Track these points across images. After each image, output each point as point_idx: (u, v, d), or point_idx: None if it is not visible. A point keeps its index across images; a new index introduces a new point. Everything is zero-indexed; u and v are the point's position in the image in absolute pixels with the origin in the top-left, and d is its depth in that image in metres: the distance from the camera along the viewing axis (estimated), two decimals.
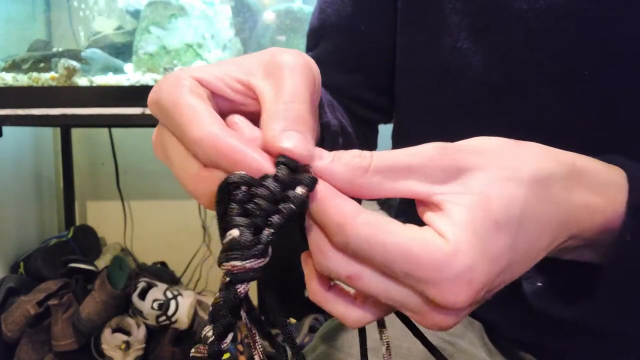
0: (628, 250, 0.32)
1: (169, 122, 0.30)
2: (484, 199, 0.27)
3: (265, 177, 0.27)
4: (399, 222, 0.27)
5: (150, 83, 1.20)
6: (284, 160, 0.27)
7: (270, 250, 0.27)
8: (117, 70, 1.30)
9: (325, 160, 0.28)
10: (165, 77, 0.32)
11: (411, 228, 0.27)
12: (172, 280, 1.67)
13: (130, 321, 1.39)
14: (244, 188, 0.27)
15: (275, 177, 0.27)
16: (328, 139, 0.44)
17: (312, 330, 1.43)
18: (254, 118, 0.31)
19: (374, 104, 0.60)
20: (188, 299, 1.44)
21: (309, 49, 0.61)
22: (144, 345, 1.39)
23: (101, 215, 1.83)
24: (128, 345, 1.37)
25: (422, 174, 0.28)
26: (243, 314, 0.28)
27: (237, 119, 0.31)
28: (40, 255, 1.51)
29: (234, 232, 0.26)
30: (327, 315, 1.50)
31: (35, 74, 1.25)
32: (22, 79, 1.25)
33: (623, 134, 0.44)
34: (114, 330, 1.38)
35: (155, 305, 1.38)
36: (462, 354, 0.50)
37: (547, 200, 0.29)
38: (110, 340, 1.36)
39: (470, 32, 0.47)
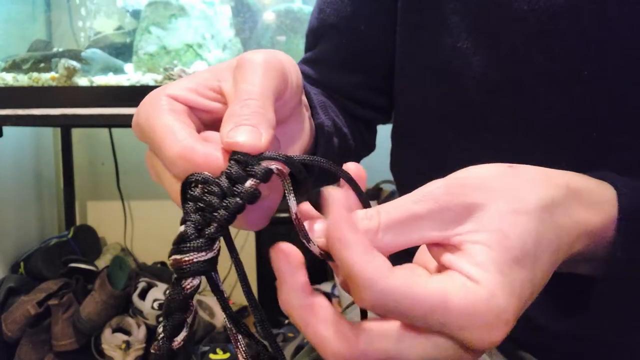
0: (619, 266, 0.33)
1: (149, 143, 0.30)
2: (501, 236, 0.27)
3: (221, 174, 0.27)
4: (424, 272, 0.27)
5: (151, 83, 1.20)
6: (235, 157, 0.27)
7: (217, 244, 0.27)
8: (117, 71, 1.31)
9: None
10: (144, 99, 0.32)
11: (439, 277, 0.27)
12: None
13: (130, 321, 1.39)
14: (200, 186, 0.27)
15: (227, 173, 0.27)
16: (322, 139, 0.44)
17: None
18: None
19: (373, 104, 0.60)
20: None
21: (308, 49, 0.61)
22: (144, 345, 1.39)
23: (101, 215, 1.83)
24: (128, 345, 1.37)
25: (433, 219, 0.28)
26: (226, 317, 0.28)
27: (209, 133, 0.31)
28: (40, 255, 1.51)
29: (181, 228, 0.27)
30: None
31: (35, 74, 1.25)
32: (22, 79, 1.25)
33: (622, 135, 0.44)
34: (114, 330, 1.38)
35: (156, 305, 1.38)
36: None
37: (554, 226, 0.29)
38: (110, 340, 1.36)
39: (470, 33, 0.47)
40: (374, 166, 0.68)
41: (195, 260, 0.26)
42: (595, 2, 0.42)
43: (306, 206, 0.31)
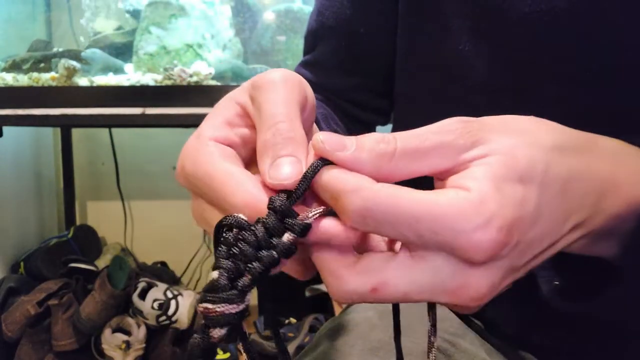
0: None
1: (205, 193, 0.30)
2: (508, 157, 0.27)
3: (257, 221, 0.27)
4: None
5: (151, 83, 1.21)
6: (274, 205, 0.27)
7: (248, 296, 0.26)
8: (118, 71, 1.31)
9: (349, 150, 0.27)
10: (186, 146, 0.31)
11: (431, 191, 0.26)
12: (173, 280, 1.67)
13: (130, 321, 1.39)
14: (234, 231, 0.27)
15: (264, 222, 0.27)
16: None
17: (312, 330, 1.43)
18: None
19: (372, 106, 0.60)
20: (188, 298, 1.44)
21: (307, 52, 0.61)
22: (144, 345, 1.39)
23: (101, 215, 1.83)
24: (128, 345, 1.37)
25: (446, 149, 0.27)
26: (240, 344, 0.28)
27: None
28: (40, 255, 1.51)
29: (214, 274, 0.26)
30: (327, 315, 1.50)
31: (35, 74, 1.25)
32: (22, 79, 1.25)
33: (626, 136, 0.44)
34: (114, 330, 1.38)
35: (156, 305, 1.39)
36: (463, 354, 0.50)
37: (570, 169, 0.29)
38: (110, 340, 1.36)
39: (473, 35, 0.47)
40: None
41: (226, 312, 0.26)
42: (596, 4, 0.42)
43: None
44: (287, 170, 0.28)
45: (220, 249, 0.27)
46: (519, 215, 0.26)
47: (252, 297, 0.28)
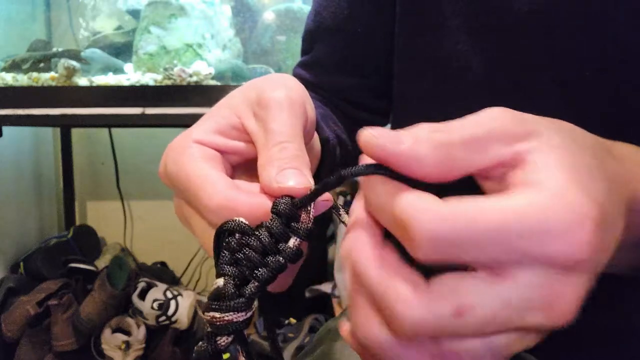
0: None
1: (183, 194, 0.30)
2: (569, 142, 0.25)
3: (260, 225, 0.26)
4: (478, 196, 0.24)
5: (151, 83, 1.20)
6: (277, 210, 0.26)
7: (255, 303, 0.26)
8: (117, 70, 1.30)
9: (407, 143, 0.24)
10: (170, 146, 0.31)
11: (496, 195, 0.23)
12: (172, 280, 1.67)
13: (130, 321, 1.39)
14: (237, 236, 0.26)
15: (268, 228, 0.26)
16: (327, 153, 0.44)
17: (312, 330, 1.43)
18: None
19: (371, 106, 0.60)
20: (188, 299, 1.44)
21: (305, 52, 0.61)
22: (144, 345, 1.39)
23: (101, 215, 1.83)
24: (128, 345, 1.37)
25: (502, 136, 0.24)
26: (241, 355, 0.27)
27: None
28: (40, 256, 1.51)
29: (219, 282, 0.26)
30: (327, 316, 1.50)
31: (35, 74, 1.25)
32: (22, 79, 1.25)
33: (624, 136, 0.44)
34: (114, 330, 1.38)
35: (155, 305, 1.38)
36: None
37: (605, 162, 0.27)
38: (110, 340, 1.36)
39: (471, 35, 0.47)
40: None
41: (234, 320, 0.25)
42: (595, 3, 0.42)
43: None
44: (295, 179, 0.28)
45: (223, 254, 0.26)
46: (602, 202, 0.23)
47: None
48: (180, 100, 1.17)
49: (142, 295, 1.41)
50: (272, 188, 0.28)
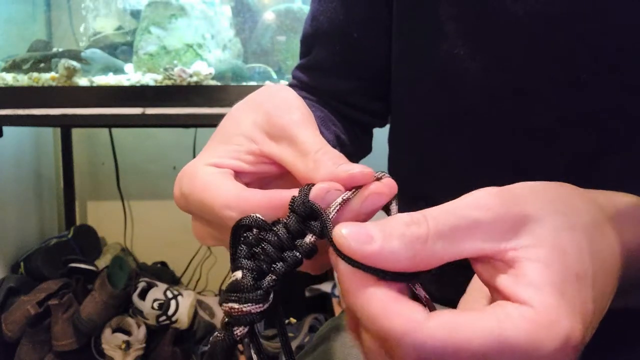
0: None
1: (200, 210, 0.30)
2: (560, 251, 0.25)
3: (277, 222, 0.27)
4: (469, 307, 0.25)
5: (151, 83, 1.21)
6: (295, 206, 0.27)
7: (271, 296, 0.27)
8: (118, 71, 1.31)
9: (377, 241, 0.24)
10: (183, 170, 0.32)
11: (489, 311, 0.23)
12: (172, 280, 1.67)
13: (130, 321, 1.39)
14: (255, 231, 0.27)
15: (285, 224, 0.27)
16: None
17: (312, 330, 1.43)
18: (267, 181, 0.33)
19: (368, 109, 0.60)
20: (188, 298, 1.44)
21: (303, 55, 0.61)
22: (144, 345, 1.39)
23: (101, 215, 1.83)
24: (128, 345, 1.37)
25: (486, 229, 0.25)
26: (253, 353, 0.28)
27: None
28: (40, 255, 1.51)
29: (238, 274, 0.27)
30: (327, 315, 1.50)
31: (35, 74, 1.25)
32: (22, 79, 1.25)
33: (621, 137, 0.44)
34: (114, 330, 1.38)
35: (156, 305, 1.39)
36: None
37: (606, 244, 0.28)
38: (110, 340, 1.37)
39: (467, 39, 0.47)
40: (371, 168, 0.68)
41: (252, 311, 0.26)
42: (590, 6, 0.42)
43: None
44: (358, 167, 0.28)
45: (240, 248, 0.27)
46: (587, 324, 0.24)
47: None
48: (181, 100, 1.18)
49: (143, 295, 1.41)
50: (340, 175, 0.28)
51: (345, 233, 0.24)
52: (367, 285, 0.24)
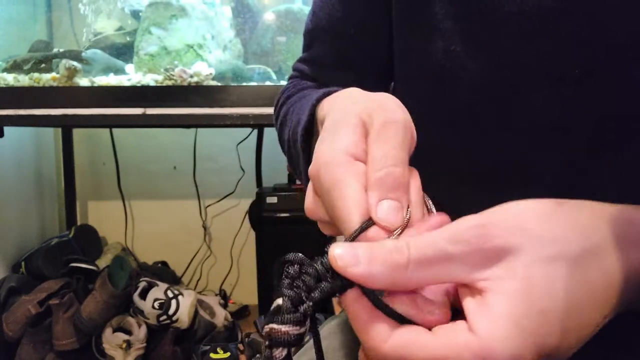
0: None
1: (326, 200, 0.32)
2: (527, 285, 0.27)
3: (316, 260, 0.31)
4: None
5: (151, 83, 1.21)
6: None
7: (308, 322, 0.30)
8: (118, 71, 1.31)
9: (362, 266, 0.28)
10: (322, 154, 0.33)
11: (441, 333, 0.27)
12: (173, 279, 1.68)
13: (131, 320, 1.40)
14: (296, 266, 0.31)
15: (321, 262, 0.30)
16: None
17: None
18: None
19: None
20: (189, 298, 1.44)
21: (304, 50, 0.62)
22: (144, 344, 1.39)
23: (102, 215, 1.84)
24: (129, 344, 1.37)
25: (462, 261, 0.27)
26: None
27: None
28: (41, 255, 1.52)
29: (279, 301, 0.30)
30: (327, 315, 1.50)
31: (36, 75, 1.25)
32: (23, 80, 1.26)
33: (616, 135, 0.44)
34: (115, 330, 1.39)
35: (156, 304, 1.39)
36: None
37: (600, 273, 0.28)
38: (111, 340, 1.37)
39: (463, 36, 0.47)
40: None
41: (290, 332, 0.29)
42: (585, 3, 0.42)
43: None
44: (393, 216, 0.30)
45: (284, 280, 0.31)
46: (545, 349, 0.26)
47: (253, 297, 0.30)
48: (181, 100, 1.18)
49: (143, 295, 1.41)
50: (371, 214, 0.30)
51: (337, 254, 0.28)
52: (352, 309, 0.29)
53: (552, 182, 0.45)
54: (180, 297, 1.43)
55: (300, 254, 0.31)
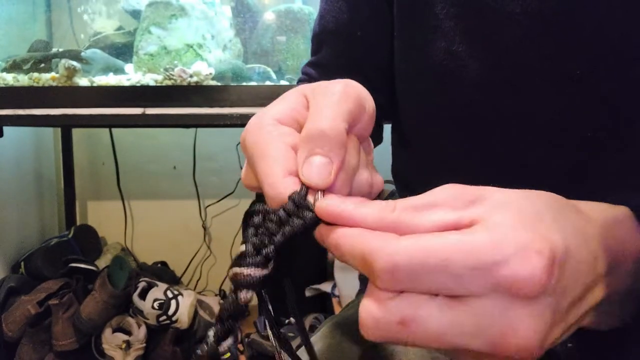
0: None
1: (252, 165, 0.32)
2: (514, 206, 0.27)
3: (280, 207, 0.31)
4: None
5: (151, 83, 1.21)
6: (293, 195, 0.31)
7: (271, 264, 0.30)
8: (118, 71, 1.31)
9: (351, 205, 0.28)
10: (249, 122, 0.33)
11: (449, 232, 0.26)
12: (173, 279, 1.68)
13: (130, 321, 1.39)
14: (260, 215, 0.32)
15: (284, 208, 0.31)
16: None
17: (312, 330, 1.43)
18: None
19: (375, 102, 0.61)
20: (188, 298, 1.44)
21: (313, 53, 0.63)
22: (144, 344, 1.39)
23: (102, 215, 1.84)
24: (128, 344, 1.37)
25: (447, 204, 0.27)
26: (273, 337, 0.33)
27: None
28: (41, 255, 1.52)
29: (242, 247, 0.31)
30: (327, 315, 1.50)
31: (35, 74, 1.25)
32: (22, 79, 1.26)
33: (616, 134, 0.44)
34: (115, 330, 1.39)
35: (156, 304, 1.39)
36: None
37: (564, 210, 0.29)
38: (110, 340, 1.37)
39: (465, 36, 0.47)
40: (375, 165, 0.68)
41: (252, 274, 0.30)
42: (585, 4, 0.42)
43: None
44: (317, 175, 0.30)
45: (248, 229, 0.32)
46: (553, 240, 0.25)
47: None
48: (181, 100, 1.18)
49: (143, 295, 1.41)
50: (299, 174, 0.30)
51: (326, 201, 0.29)
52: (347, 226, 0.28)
53: (552, 182, 0.45)
54: (179, 298, 1.43)
55: (263, 204, 0.32)
